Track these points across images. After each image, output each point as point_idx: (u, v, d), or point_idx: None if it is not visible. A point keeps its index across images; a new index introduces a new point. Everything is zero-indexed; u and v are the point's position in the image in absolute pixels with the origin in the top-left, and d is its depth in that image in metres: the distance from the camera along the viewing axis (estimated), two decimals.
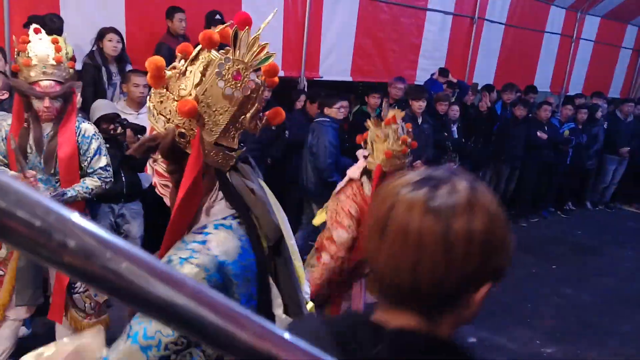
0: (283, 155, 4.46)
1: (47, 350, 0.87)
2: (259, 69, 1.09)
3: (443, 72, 6.18)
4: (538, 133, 6.16)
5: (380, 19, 6.19)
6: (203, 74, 1.01)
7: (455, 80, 6.22)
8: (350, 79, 6.21)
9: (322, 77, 5.88)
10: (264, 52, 1.05)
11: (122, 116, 3.62)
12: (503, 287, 4.59)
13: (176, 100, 1.03)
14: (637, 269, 5.26)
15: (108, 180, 2.61)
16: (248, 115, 1.07)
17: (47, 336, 2.79)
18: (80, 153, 2.51)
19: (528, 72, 7.98)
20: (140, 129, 3.44)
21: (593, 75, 8.99)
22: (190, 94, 1.01)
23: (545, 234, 6.11)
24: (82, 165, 2.55)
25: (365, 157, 2.47)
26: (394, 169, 2.32)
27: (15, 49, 2.41)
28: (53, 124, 2.44)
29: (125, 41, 4.12)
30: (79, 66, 3.95)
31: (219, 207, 1.09)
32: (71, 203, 2.45)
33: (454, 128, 5.76)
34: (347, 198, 2.42)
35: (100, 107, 3.50)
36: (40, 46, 2.30)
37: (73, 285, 2.58)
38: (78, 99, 3.39)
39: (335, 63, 6.01)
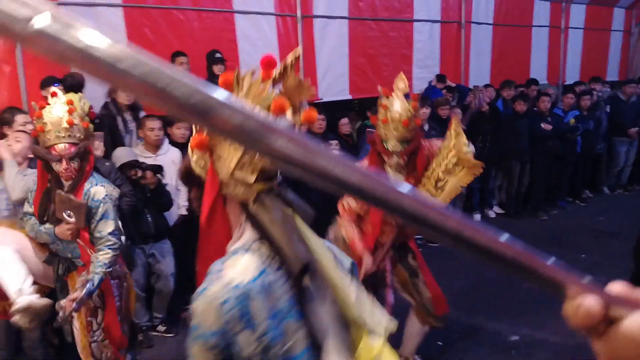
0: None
1: None
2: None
3: (440, 78, 6.25)
4: (542, 125, 6.16)
5: (370, 36, 6.32)
6: None
7: (453, 85, 6.27)
8: (349, 97, 6.29)
9: (321, 99, 5.95)
10: (265, 92, 1.06)
11: (141, 160, 3.75)
12: None
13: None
14: None
15: (117, 247, 2.56)
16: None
17: None
18: (88, 217, 2.50)
19: (522, 68, 8.03)
20: (158, 168, 3.65)
21: (588, 62, 9.03)
22: None
23: (568, 224, 6.03)
24: (90, 227, 2.52)
25: None
26: (392, 137, 2.51)
27: (34, 116, 2.49)
28: (73, 181, 2.51)
29: None
30: None
31: (246, 239, 1.09)
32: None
33: None
34: None
35: (120, 156, 3.66)
36: (55, 110, 2.38)
37: (92, 333, 2.60)
38: (101, 148, 3.49)
39: (333, 84, 6.11)
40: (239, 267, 1.02)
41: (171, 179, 3.98)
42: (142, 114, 4.17)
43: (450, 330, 3.56)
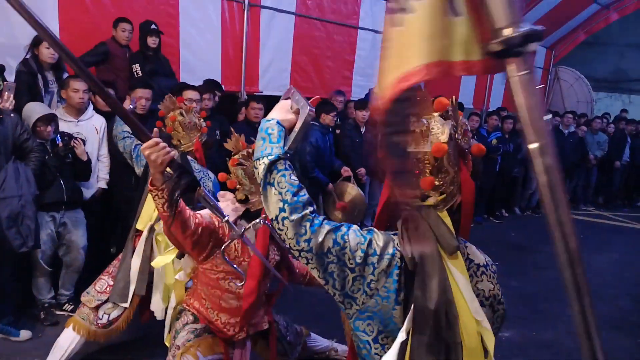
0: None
1: None
2: None
3: None
4: None
5: (315, 35, 6.34)
6: None
7: None
8: None
9: (262, 92, 5.86)
10: None
11: (61, 123, 3.55)
12: None
13: None
14: None
15: None
16: None
17: None
18: None
19: (452, 90, 8.45)
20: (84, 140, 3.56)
21: (511, 93, 9.69)
22: None
23: (482, 237, 6.36)
24: None
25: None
26: None
27: None
28: None
29: None
30: (12, 74, 3.73)
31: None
32: None
33: None
34: None
35: (36, 109, 3.38)
36: None
37: None
38: (11, 100, 3.17)
39: (274, 78, 6.04)
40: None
41: (92, 147, 3.71)
42: (66, 75, 3.87)
43: None
